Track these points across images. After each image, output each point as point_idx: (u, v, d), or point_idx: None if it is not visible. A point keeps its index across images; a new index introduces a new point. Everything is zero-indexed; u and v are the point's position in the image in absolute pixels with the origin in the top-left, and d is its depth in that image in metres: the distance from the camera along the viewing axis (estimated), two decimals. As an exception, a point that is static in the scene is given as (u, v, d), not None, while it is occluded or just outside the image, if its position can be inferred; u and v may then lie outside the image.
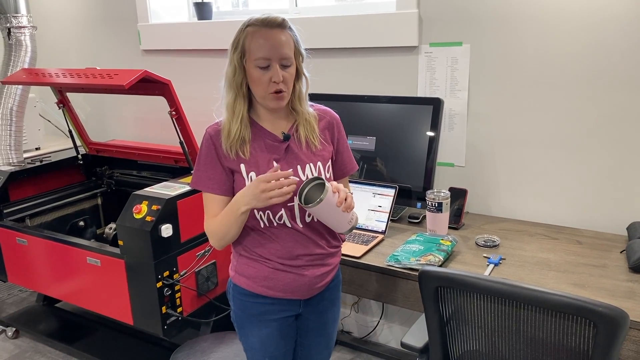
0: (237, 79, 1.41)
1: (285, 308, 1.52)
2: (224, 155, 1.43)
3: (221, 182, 1.45)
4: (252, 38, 1.37)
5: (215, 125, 1.47)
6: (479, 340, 1.39)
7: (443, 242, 1.86)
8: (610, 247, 1.88)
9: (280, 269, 1.46)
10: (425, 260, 1.76)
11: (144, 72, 2.20)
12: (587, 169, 2.05)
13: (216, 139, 1.44)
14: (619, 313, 1.13)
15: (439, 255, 1.78)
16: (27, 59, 2.92)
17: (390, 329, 2.67)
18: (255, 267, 1.47)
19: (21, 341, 2.87)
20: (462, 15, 2.15)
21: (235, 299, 1.54)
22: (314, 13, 2.63)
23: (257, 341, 1.53)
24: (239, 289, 1.51)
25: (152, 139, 3.18)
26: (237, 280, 1.51)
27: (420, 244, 1.86)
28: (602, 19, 1.91)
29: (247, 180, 1.43)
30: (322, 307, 1.58)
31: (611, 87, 1.94)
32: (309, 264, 1.48)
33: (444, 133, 2.28)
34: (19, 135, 2.93)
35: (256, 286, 1.48)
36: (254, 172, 1.43)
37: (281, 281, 1.47)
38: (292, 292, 1.49)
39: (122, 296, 2.21)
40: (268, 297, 1.49)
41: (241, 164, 1.43)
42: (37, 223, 2.79)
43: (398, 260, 1.79)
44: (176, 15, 3.14)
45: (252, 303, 1.50)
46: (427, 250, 1.81)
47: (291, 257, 1.46)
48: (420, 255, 1.79)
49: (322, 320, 1.60)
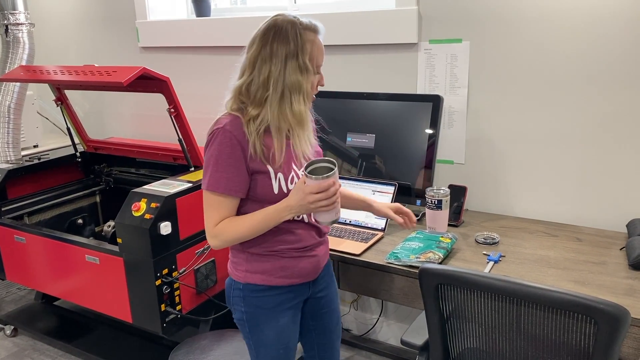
0: (307, 81, 1.42)
1: (298, 294, 1.55)
2: (251, 157, 1.40)
3: (242, 184, 1.42)
4: (314, 45, 1.42)
5: (235, 122, 1.40)
6: (480, 337, 1.39)
7: (443, 239, 1.85)
8: (610, 245, 1.88)
9: (295, 256, 1.50)
10: (425, 258, 1.76)
11: (142, 69, 2.19)
12: (587, 166, 2.05)
13: (242, 138, 1.39)
14: (620, 310, 1.13)
15: (439, 253, 1.78)
16: (24, 56, 2.91)
17: (390, 326, 2.67)
18: (270, 260, 1.49)
19: (20, 339, 2.87)
20: (461, 12, 2.14)
21: (247, 299, 1.51)
22: (313, 10, 2.62)
23: (274, 334, 1.54)
24: (252, 286, 1.50)
25: (151, 136, 3.17)
26: (250, 278, 1.50)
27: (419, 241, 1.86)
28: (602, 15, 1.90)
29: (275, 181, 1.43)
30: (326, 283, 1.65)
31: (612, 83, 1.94)
32: (317, 246, 1.55)
33: (443, 130, 2.27)
34: (16, 132, 2.92)
35: (272, 278, 1.49)
36: (282, 174, 1.44)
37: (297, 267, 1.51)
38: (307, 276, 1.54)
39: (121, 294, 2.21)
40: (284, 287, 1.51)
41: (269, 166, 1.42)
42: (35, 221, 2.78)
43: (398, 257, 1.79)
44: (174, 12, 3.13)
45: (268, 297, 1.51)
46: (426, 248, 1.80)
47: (305, 245, 1.51)
48: (420, 252, 1.79)
49: (328, 295, 1.66)
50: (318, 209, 1.37)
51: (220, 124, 1.41)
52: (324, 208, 1.37)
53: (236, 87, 1.44)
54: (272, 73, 1.38)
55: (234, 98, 1.44)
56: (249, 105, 1.42)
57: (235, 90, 1.44)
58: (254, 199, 1.44)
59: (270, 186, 1.43)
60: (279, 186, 1.44)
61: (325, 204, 1.36)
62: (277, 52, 1.38)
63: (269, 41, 1.39)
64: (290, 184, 1.46)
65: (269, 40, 1.39)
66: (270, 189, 1.43)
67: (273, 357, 1.56)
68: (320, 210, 1.38)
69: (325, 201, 1.35)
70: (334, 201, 1.37)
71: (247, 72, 1.43)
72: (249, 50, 1.44)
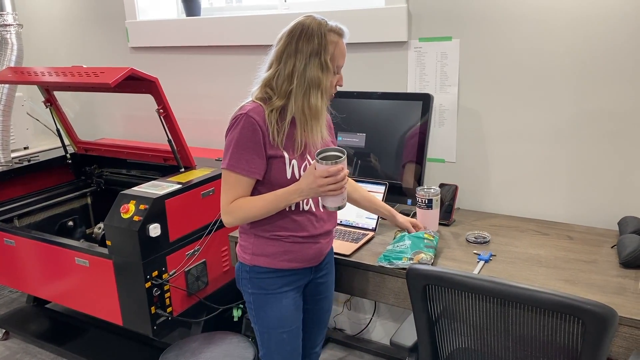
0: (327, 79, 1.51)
1: (301, 277, 1.65)
2: (269, 143, 1.50)
3: (260, 167, 1.51)
4: (337, 47, 1.53)
5: (258, 110, 1.50)
6: (469, 338, 1.38)
7: (427, 236, 1.83)
8: (602, 242, 1.87)
9: (299, 242, 1.59)
10: (418, 259, 1.74)
11: (130, 70, 2.17)
12: (579, 163, 2.04)
13: (263, 124, 1.49)
14: (607, 310, 1.12)
15: (429, 253, 1.76)
16: (13, 57, 2.89)
17: (383, 326, 2.66)
18: (274, 245, 1.58)
19: (11, 342, 2.85)
20: (451, 10, 2.13)
21: (253, 281, 1.61)
22: (303, 9, 2.60)
23: (276, 317, 1.62)
24: (258, 268, 1.60)
25: (143, 137, 3.16)
26: (256, 260, 1.59)
27: (408, 239, 1.84)
28: (592, 12, 1.89)
29: (289, 167, 1.53)
30: (327, 269, 1.75)
31: (602, 81, 1.93)
32: (322, 236, 1.65)
33: (434, 129, 2.26)
34: (6, 134, 2.90)
35: (277, 262, 1.59)
36: (295, 161, 1.54)
37: (300, 252, 1.60)
38: (310, 261, 1.63)
39: (111, 297, 2.19)
40: (287, 270, 1.61)
41: (285, 152, 1.52)
42: (25, 223, 2.76)
43: (390, 260, 1.77)
44: (164, 11, 3.11)
45: (272, 279, 1.60)
46: (415, 247, 1.79)
47: (310, 235, 1.60)
48: (411, 253, 1.77)
49: (328, 282, 1.76)
50: (327, 192, 1.46)
51: (244, 110, 1.50)
52: (332, 192, 1.46)
53: (265, 78, 1.53)
54: (297, 67, 1.48)
55: (261, 88, 1.54)
56: (274, 96, 1.52)
57: (264, 81, 1.53)
58: (268, 182, 1.54)
59: (284, 171, 1.53)
60: (292, 172, 1.54)
61: (334, 187, 1.45)
62: (302, 49, 1.48)
63: (295, 38, 1.49)
64: (302, 172, 1.55)
65: (295, 38, 1.49)
66: (283, 173, 1.53)
67: (277, 342, 1.64)
68: (328, 194, 1.47)
69: (333, 185, 1.44)
70: (342, 186, 1.46)
71: (274, 65, 1.52)
72: (276, 45, 1.53)
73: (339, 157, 1.47)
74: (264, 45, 1.67)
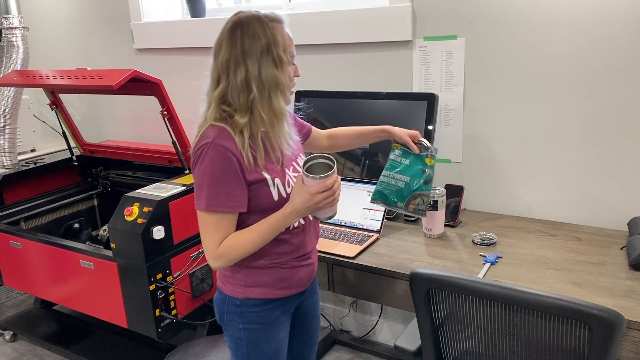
0: (284, 75, 1.35)
1: (294, 303, 1.53)
2: (247, 169, 1.33)
3: (243, 198, 1.34)
4: (284, 35, 1.35)
5: (224, 134, 1.32)
6: (474, 342, 1.36)
7: (427, 161, 1.69)
8: (610, 244, 1.84)
9: (295, 266, 1.47)
10: (413, 206, 1.70)
11: (133, 72, 2.17)
12: (587, 163, 2.00)
13: (235, 150, 1.31)
14: (613, 315, 1.09)
15: (426, 192, 1.68)
16: (19, 60, 2.90)
17: (390, 328, 2.64)
18: (270, 273, 1.43)
19: (19, 344, 2.86)
20: (456, 8, 2.10)
21: (245, 315, 1.45)
22: (308, 8, 2.58)
23: (273, 352, 1.49)
24: (251, 301, 1.43)
25: (148, 138, 3.16)
26: (250, 293, 1.43)
27: (404, 173, 1.71)
28: (600, 12, 1.86)
29: (274, 188, 1.37)
30: (312, 289, 1.62)
31: (611, 80, 1.89)
32: (313, 252, 1.54)
33: (439, 129, 2.24)
34: (12, 137, 2.92)
35: (274, 291, 1.44)
36: (279, 179, 1.39)
37: (296, 277, 1.48)
38: (304, 285, 1.52)
39: (116, 299, 2.19)
40: (282, 298, 1.47)
41: (265, 173, 1.36)
42: (32, 226, 2.77)
43: (385, 197, 1.73)
44: (169, 13, 3.11)
45: (268, 310, 1.45)
46: (412, 186, 1.69)
47: (304, 253, 1.49)
48: (407, 196, 1.70)
49: (314, 301, 1.65)
50: (325, 206, 1.35)
51: (207, 138, 1.32)
52: (329, 205, 1.36)
53: (217, 95, 1.35)
54: (250, 72, 1.31)
55: (215, 107, 1.35)
56: (236, 113, 1.34)
57: (217, 98, 1.36)
58: (256, 210, 1.37)
59: (270, 194, 1.37)
60: (277, 192, 1.38)
61: (331, 200, 1.35)
62: (249, 51, 1.31)
63: (237, 41, 1.32)
64: (287, 188, 1.40)
65: (238, 40, 1.32)
66: (270, 197, 1.37)
67: None
68: (325, 207, 1.37)
69: (331, 198, 1.34)
70: (338, 195, 1.36)
71: (222, 78, 1.35)
72: (217, 55, 1.36)
73: (327, 166, 1.36)
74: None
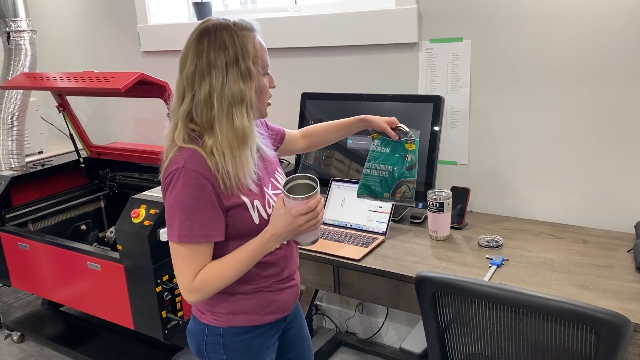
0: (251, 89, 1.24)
1: (279, 328, 1.45)
2: (223, 194, 1.22)
3: (220, 226, 1.24)
4: (255, 45, 1.27)
5: (195, 157, 1.21)
6: (480, 345, 1.36)
7: (408, 146, 1.68)
8: (617, 246, 1.83)
9: (280, 288, 1.39)
10: (400, 195, 1.70)
11: (140, 74, 2.19)
12: (594, 165, 2.00)
13: (209, 175, 1.20)
14: (620, 319, 1.09)
15: (412, 179, 1.69)
16: (27, 63, 2.92)
17: (396, 329, 2.64)
18: (253, 298, 1.35)
19: (27, 345, 2.88)
20: (462, 10, 2.10)
21: (229, 345, 1.35)
22: (314, 11, 2.59)
23: None
24: (235, 330, 1.35)
25: (155, 140, 3.17)
26: (234, 321, 1.34)
27: (386, 163, 1.71)
28: (605, 12, 1.85)
29: (254, 211, 1.28)
30: (296, 310, 1.55)
31: (618, 81, 1.89)
32: (295, 273, 1.47)
33: (445, 131, 2.23)
34: (20, 139, 2.93)
35: (258, 317, 1.36)
36: (258, 201, 1.29)
37: (281, 300, 1.40)
38: (289, 308, 1.44)
39: (122, 301, 2.20)
40: (267, 324, 1.39)
41: (243, 197, 1.26)
42: (39, 227, 2.79)
43: (371, 191, 1.74)
44: (175, 15, 3.12)
45: (252, 337, 1.37)
46: (395, 174, 1.70)
47: (289, 274, 1.42)
48: (392, 185, 1.71)
49: (300, 322, 1.57)
50: (307, 230, 1.25)
51: (177, 162, 1.21)
52: (312, 228, 1.26)
53: (181, 113, 1.23)
54: (213, 86, 1.20)
55: (183, 127, 1.24)
56: (204, 133, 1.23)
57: (182, 117, 1.24)
58: (236, 236, 1.27)
59: (250, 219, 1.27)
60: (258, 215, 1.29)
61: (314, 222, 1.25)
62: (215, 62, 1.20)
63: (204, 51, 1.21)
64: (269, 209, 1.32)
65: (204, 50, 1.21)
66: (250, 221, 1.28)
67: None
68: (308, 231, 1.26)
69: (314, 220, 1.24)
70: (321, 217, 1.26)
71: (187, 92, 1.23)
72: (182, 68, 1.25)
73: (310, 186, 1.26)
74: (274, 48, 1.65)
